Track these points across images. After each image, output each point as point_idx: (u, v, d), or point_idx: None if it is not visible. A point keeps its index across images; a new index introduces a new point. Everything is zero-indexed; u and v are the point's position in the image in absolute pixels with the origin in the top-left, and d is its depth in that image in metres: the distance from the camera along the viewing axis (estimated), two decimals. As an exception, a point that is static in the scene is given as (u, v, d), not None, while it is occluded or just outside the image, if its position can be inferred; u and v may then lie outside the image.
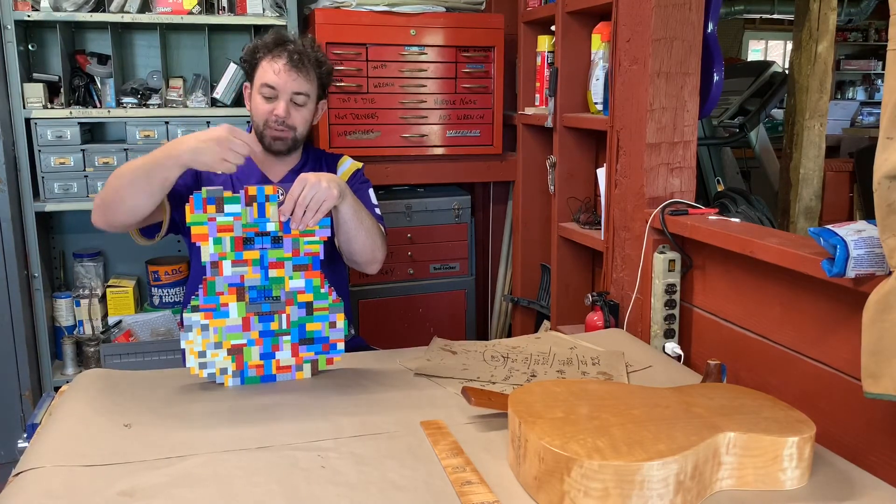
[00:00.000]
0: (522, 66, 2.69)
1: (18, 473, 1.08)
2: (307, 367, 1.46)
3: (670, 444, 0.98)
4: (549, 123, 2.41)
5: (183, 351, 1.39)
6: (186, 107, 2.56)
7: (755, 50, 8.89)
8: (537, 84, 2.59)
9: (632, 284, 1.87)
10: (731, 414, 1.09)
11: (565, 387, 1.18)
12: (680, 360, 1.67)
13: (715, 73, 1.95)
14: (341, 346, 1.47)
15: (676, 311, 1.75)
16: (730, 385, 1.27)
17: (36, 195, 2.45)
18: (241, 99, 2.40)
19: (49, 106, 2.44)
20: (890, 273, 1.10)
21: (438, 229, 2.84)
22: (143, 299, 2.79)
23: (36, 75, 2.49)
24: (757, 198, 2.59)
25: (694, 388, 1.22)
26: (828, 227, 1.23)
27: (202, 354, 1.39)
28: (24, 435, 1.40)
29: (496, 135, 2.77)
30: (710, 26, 1.92)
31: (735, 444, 1.03)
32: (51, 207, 2.44)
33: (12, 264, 2.39)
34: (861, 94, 8.98)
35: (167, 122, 2.50)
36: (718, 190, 3.09)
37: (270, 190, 1.39)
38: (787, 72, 3.23)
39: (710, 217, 1.69)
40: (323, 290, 1.44)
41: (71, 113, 2.43)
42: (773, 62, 3.77)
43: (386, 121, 2.65)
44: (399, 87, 2.64)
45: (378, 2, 2.55)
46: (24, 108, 2.38)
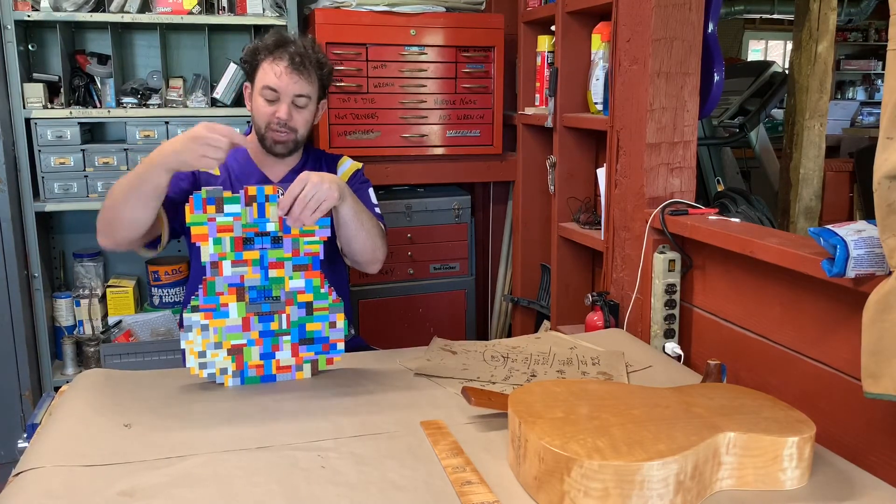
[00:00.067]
0: (522, 66, 2.69)
1: (18, 473, 1.08)
2: (307, 367, 1.46)
3: (670, 444, 0.98)
4: (549, 123, 2.41)
5: (183, 351, 1.39)
6: (186, 107, 2.56)
7: (755, 50, 8.89)
8: (537, 84, 2.59)
9: (632, 284, 1.87)
10: (731, 414, 1.09)
11: (565, 387, 1.18)
12: (680, 360, 1.67)
13: (715, 73, 1.95)
14: (341, 346, 1.47)
15: (676, 311, 1.75)
16: (730, 385, 1.27)
17: (36, 195, 2.45)
18: (241, 99, 2.40)
19: (49, 106, 2.44)
20: (890, 273, 1.10)
21: (438, 229, 2.84)
22: (143, 299, 2.79)
23: (36, 75, 2.49)
24: (757, 198, 2.59)
25: (694, 388, 1.22)
26: (828, 227, 1.23)
27: (202, 354, 1.39)
28: (24, 435, 1.40)
29: (496, 135, 2.77)
30: (711, 26, 1.92)
31: (735, 444, 1.03)
32: (51, 207, 2.44)
33: (12, 264, 2.39)
34: (861, 94, 8.98)
35: (167, 122, 2.51)
36: (718, 190, 3.09)
37: (270, 190, 1.39)
38: (787, 72, 3.23)
39: (710, 217, 1.69)
40: (323, 290, 1.44)
41: (71, 113, 2.43)
42: (773, 62, 3.77)
43: (386, 121, 2.65)
44: (399, 87, 2.64)
45: (378, 2, 2.55)
46: (24, 108, 2.38)
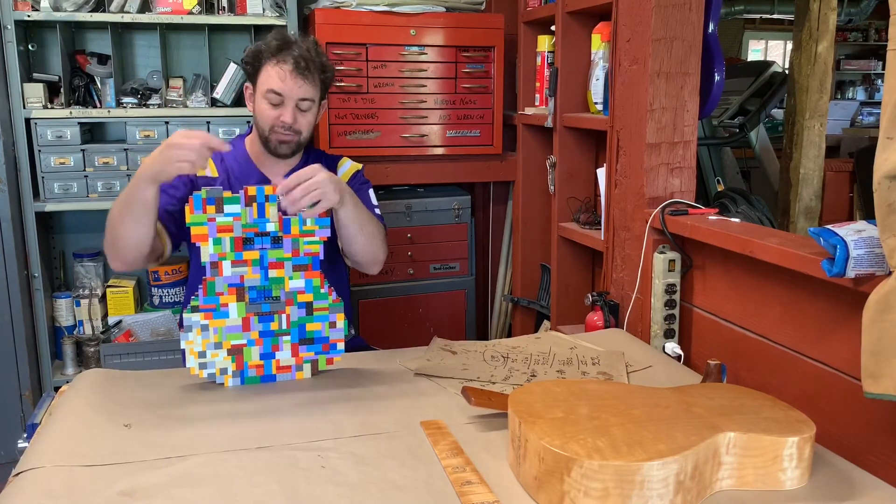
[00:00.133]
0: (522, 66, 2.69)
1: (18, 473, 1.08)
2: (307, 367, 1.46)
3: (670, 444, 0.98)
4: (549, 123, 2.41)
5: (183, 351, 1.39)
6: (186, 107, 2.56)
7: (755, 50, 8.89)
8: (537, 84, 2.59)
9: (632, 284, 1.87)
10: (731, 414, 1.09)
11: (565, 387, 1.18)
12: (680, 360, 1.67)
13: (715, 73, 1.95)
14: (341, 346, 1.47)
15: (676, 311, 1.75)
16: (730, 385, 1.27)
17: (36, 195, 2.45)
18: (241, 99, 2.40)
19: (49, 106, 2.44)
20: (890, 273, 1.10)
21: (438, 229, 2.84)
22: (143, 299, 2.78)
23: (36, 75, 2.49)
24: (757, 198, 2.59)
25: (694, 388, 1.22)
26: (828, 227, 1.23)
27: (202, 354, 1.39)
28: (24, 435, 1.40)
29: (496, 135, 2.77)
30: (711, 26, 1.92)
31: (735, 444, 1.03)
32: (51, 207, 2.44)
33: (12, 264, 2.39)
34: (861, 94, 8.98)
35: (167, 122, 2.50)
36: (718, 190, 3.09)
37: (270, 190, 1.39)
38: (787, 72, 3.23)
39: (710, 217, 1.69)
40: (323, 290, 1.44)
41: (71, 113, 2.43)
42: (773, 62, 3.77)
43: (386, 121, 2.65)
44: (399, 87, 2.64)
45: (378, 2, 2.55)
46: (24, 108, 2.37)
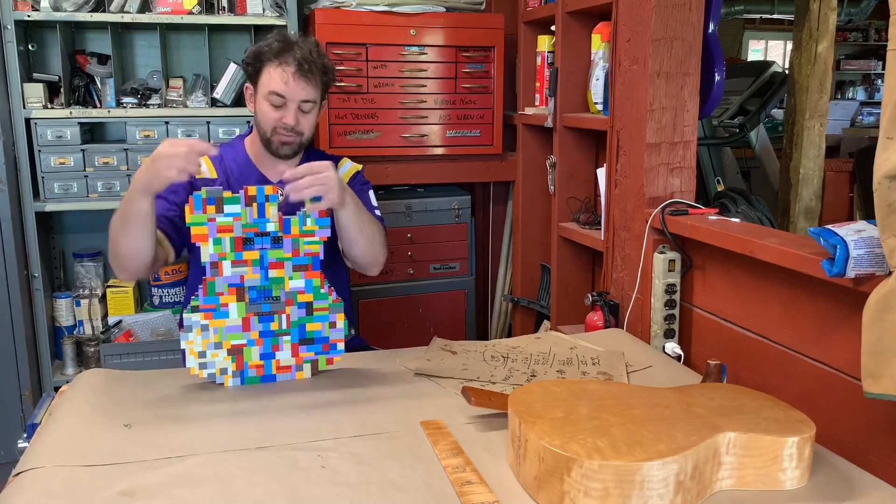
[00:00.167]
0: (522, 66, 2.69)
1: (18, 473, 1.08)
2: (307, 367, 1.46)
3: (670, 444, 0.98)
4: (549, 123, 2.41)
5: (183, 351, 1.39)
6: (186, 107, 2.56)
7: (755, 50, 8.89)
8: (537, 84, 2.59)
9: (632, 284, 1.87)
10: (731, 414, 1.09)
11: (565, 387, 1.18)
12: (680, 360, 1.67)
13: (716, 73, 1.94)
14: (341, 346, 1.47)
15: (676, 311, 1.75)
16: (730, 385, 1.27)
17: (36, 195, 2.45)
18: (241, 99, 2.40)
19: (49, 106, 2.44)
20: (890, 273, 1.10)
21: (438, 229, 2.84)
22: (143, 299, 2.78)
23: (36, 75, 2.49)
24: (757, 198, 2.59)
25: (694, 388, 1.22)
26: (828, 227, 1.23)
27: (202, 354, 1.39)
28: (24, 435, 1.40)
29: (496, 135, 2.77)
30: (711, 26, 1.92)
31: (735, 444, 1.03)
32: (51, 207, 2.44)
33: (12, 264, 2.39)
34: (861, 94, 8.98)
35: (167, 122, 2.51)
36: (718, 190, 3.09)
37: (270, 190, 1.39)
38: (787, 72, 3.23)
39: (710, 217, 1.69)
40: (323, 290, 1.44)
41: (71, 113, 2.43)
42: (773, 62, 3.77)
43: (386, 121, 2.65)
44: (399, 87, 2.64)
45: (378, 2, 2.55)
46: (24, 108, 2.38)
